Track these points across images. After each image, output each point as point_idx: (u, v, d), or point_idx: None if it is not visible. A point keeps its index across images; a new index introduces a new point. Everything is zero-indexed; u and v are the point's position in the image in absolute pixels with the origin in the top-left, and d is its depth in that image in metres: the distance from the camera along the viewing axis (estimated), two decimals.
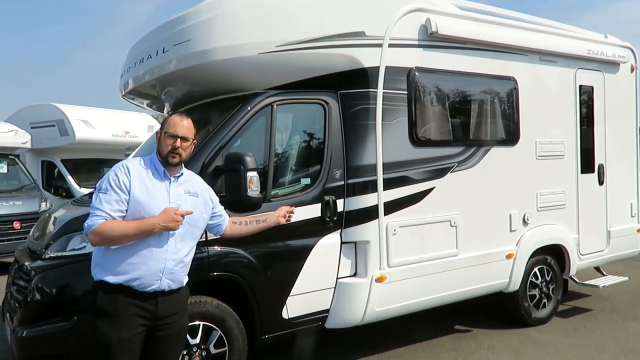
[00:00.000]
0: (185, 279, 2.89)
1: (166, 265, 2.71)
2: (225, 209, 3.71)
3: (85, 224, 2.64)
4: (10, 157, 10.43)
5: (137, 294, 2.66)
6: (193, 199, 2.87)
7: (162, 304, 2.73)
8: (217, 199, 3.13)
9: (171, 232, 2.71)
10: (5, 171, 10.29)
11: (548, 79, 5.54)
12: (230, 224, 3.22)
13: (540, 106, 5.44)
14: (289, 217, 3.45)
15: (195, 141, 2.94)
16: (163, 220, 2.62)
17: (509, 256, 5.16)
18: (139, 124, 12.46)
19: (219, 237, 3.31)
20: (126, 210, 2.66)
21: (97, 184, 2.76)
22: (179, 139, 2.79)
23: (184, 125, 2.84)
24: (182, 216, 2.68)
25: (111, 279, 2.65)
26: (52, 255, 3.66)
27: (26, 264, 3.83)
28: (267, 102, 4.08)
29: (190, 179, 2.96)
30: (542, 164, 5.44)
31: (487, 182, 5.02)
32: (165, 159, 2.80)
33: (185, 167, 2.97)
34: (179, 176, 2.86)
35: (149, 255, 2.66)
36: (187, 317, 3.02)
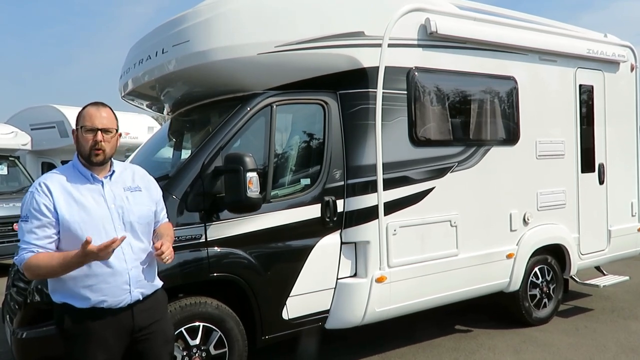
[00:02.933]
0: (158, 281, 2.65)
1: (130, 275, 2.44)
2: (227, 210, 3.72)
3: (15, 258, 2.36)
4: (10, 158, 10.44)
5: (109, 312, 2.41)
6: (136, 194, 2.55)
7: (138, 315, 2.49)
8: (160, 192, 2.75)
9: (124, 239, 2.33)
10: (6, 173, 10.29)
11: (548, 78, 5.54)
12: (160, 227, 2.74)
13: (540, 106, 5.43)
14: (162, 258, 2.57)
15: (120, 133, 2.56)
16: (87, 259, 2.26)
17: (509, 256, 5.16)
18: (138, 125, 12.46)
19: None
20: (58, 233, 2.35)
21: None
22: (99, 132, 2.41)
23: (103, 116, 2.44)
24: (111, 244, 2.21)
25: (77, 303, 2.38)
26: None
27: None
28: (266, 103, 4.07)
29: (126, 172, 2.61)
30: (542, 163, 5.44)
31: (487, 182, 5.02)
32: (87, 158, 2.44)
33: (184, 167, 2.87)
34: (111, 175, 2.52)
35: (108, 271, 2.38)
36: (171, 326, 2.79)
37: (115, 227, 2.43)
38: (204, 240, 3.68)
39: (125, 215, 2.48)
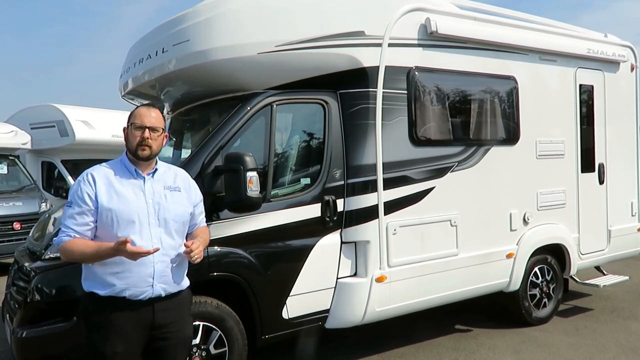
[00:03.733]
0: (185, 282, 2.73)
1: (155, 269, 2.53)
2: (228, 209, 3.72)
3: (54, 240, 2.53)
4: (10, 157, 10.43)
5: (131, 303, 2.51)
6: (175, 194, 2.68)
7: (159, 312, 2.57)
8: (201, 197, 2.87)
9: (156, 233, 2.55)
10: (5, 172, 10.29)
11: (548, 78, 5.54)
12: (197, 230, 2.85)
13: (540, 105, 5.43)
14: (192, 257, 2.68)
15: (166, 133, 2.74)
16: (118, 254, 2.41)
17: (509, 256, 5.16)
18: None
19: None
20: (95, 222, 2.52)
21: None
22: (147, 130, 2.59)
23: (152, 116, 2.63)
24: (143, 254, 2.39)
25: (101, 291, 2.52)
26: (51, 256, 3.65)
27: (26, 264, 3.83)
28: (266, 102, 4.07)
29: (169, 173, 2.75)
30: (542, 163, 5.44)
31: (487, 182, 5.02)
32: (134, 153, 2.60)
33: (184, 166, 2.91)
34: (153, 172, 2.67)
35: (135, 261, 2.47)
36: (191, 326, 2.84)
37: (150, 221, 2.56)
38: None
39: (161, 212, 2.60)
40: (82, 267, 2.64)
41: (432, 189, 4.62)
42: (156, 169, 2.69)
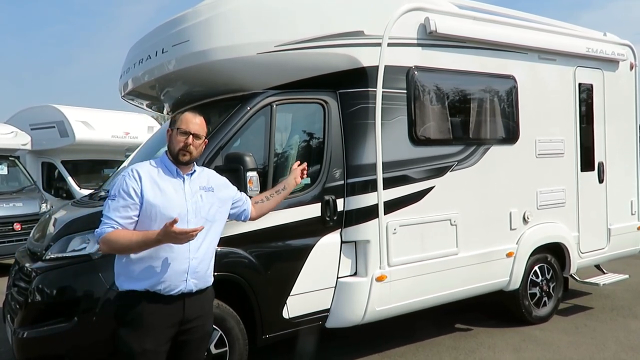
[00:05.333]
0: (211, 279, 2.83)
1: (190, 265, 2.64)
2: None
3: (96, 231, 2.60)
4: (10, 158, 10.43)
5: (164, 298, 2.59)
6: (209, 194, 2.81)
7: (189, 307, 2.66)
8: (234, 188, 3.08)
9: (202, 229, 2.60)
10: (6, 173, 10.29)
11: (547, 77, 5.54)
12: (253, 205, 3.17)
13: (539, 104, 5.44)
14: (304, 173, 3.40)
15: (206, 140, 2.88)
16: (165, 238, 2.48)
17: (509, 255, 5.16)
18: (138, 125, 12.45)
19: (248, 221, 3.25)
20: (138, 215, 2.59)
21: (109, 191, 2.72)
22: (191, 136, 2.71)
23: (197, 123, 2.76)
24: (191, 233, 2.46)
25: (136, 285, 2.59)
26: (52, 256, 3.67)
27: (27, 265, 3.83)
28: (266, 102, 4.08)
29: (203, 174, 2.89)
30: (542, 162, 5.44)
31: (487, 181, 5.02)
32: (176, 157, 2.72)
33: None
34: (192, 173, 2.80)
35: (172, 255, 2.59)
36: (212, 322, 2.96)
37: (188, 219, 2.65)
38: None
39: (198, 210, 2.71)
40: (116, 265, 2.70)
41: (431, 188, 4.63)
42: (194, 170, 2.82)
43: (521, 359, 4.64)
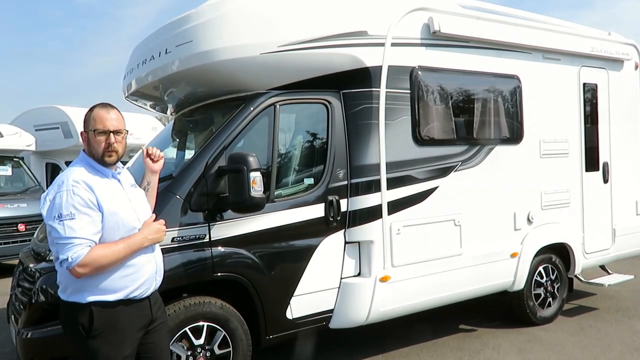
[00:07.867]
0: None
1: (157, 264, 2.63)
2: (231, 209, 3.74)
3: (65, 258, 2.31)
4: (14, 159, 10.48)
5: (136, 302, 2.52)
6: (137, 190, 2.74)
7: (154, 305, 2.64)
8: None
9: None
10: (10, 174, 10.33)
11: (552, 77, 5.52)
12: None
13: (544, 104, 5.42)
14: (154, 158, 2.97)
15: (127, 131, 2.63)
16: (149, 234, 2.49)
17: (513, 255, 5.14)
18: (142, 126, 12.47)
19: None
20: (102, 227, 2.41)
21: (50, 213, 2.38)
22: (111, 134, 2.49)
23: (113, 118, 2.51)
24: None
25: (110, 297, 2.43)
26: None
27: (31, 265, 3.84)
28: (269, 103, 4.07)
29: (124, 171, 2.72)
30: (546, 162, 5.42)
31: (491, 181, 5.00)
32: (101, 159, 2.50)
33: (188, 167, 2.92)
34: (119, 172, 2.64)
35: (143, 260, 2.51)
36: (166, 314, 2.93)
37: (139, 219, 2.57)
38: (207, 240, 3.69)
39: (141, 208, 2.64)
40: (74, 279, 2.40)
41: (435, 188, 4.62)
42: (120, 168, 2.66)
43: None
